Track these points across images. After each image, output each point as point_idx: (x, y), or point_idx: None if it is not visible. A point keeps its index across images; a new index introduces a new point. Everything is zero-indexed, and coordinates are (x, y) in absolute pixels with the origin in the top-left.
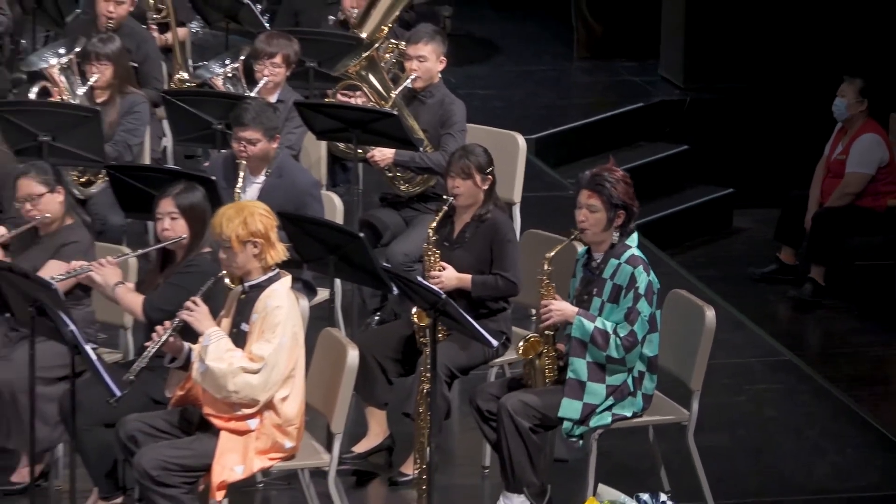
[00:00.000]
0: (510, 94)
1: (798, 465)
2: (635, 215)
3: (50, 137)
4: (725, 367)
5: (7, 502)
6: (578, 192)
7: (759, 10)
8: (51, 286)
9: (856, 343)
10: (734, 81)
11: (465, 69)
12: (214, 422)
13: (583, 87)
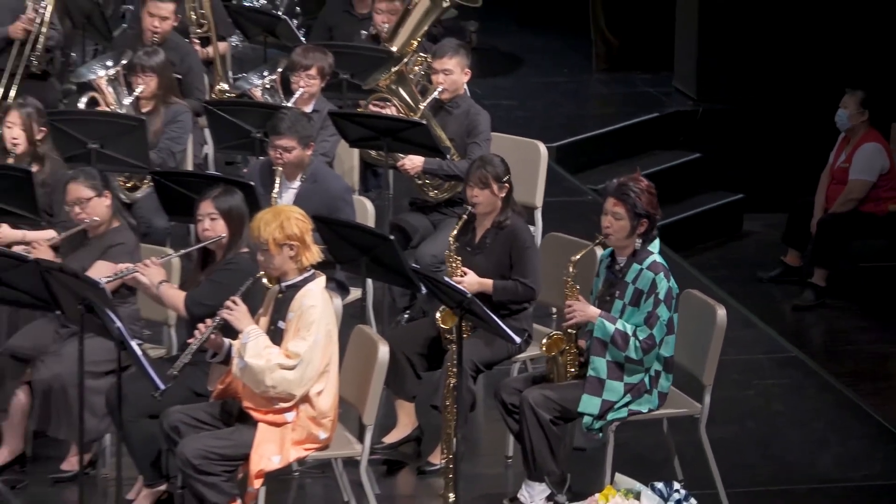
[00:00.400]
0: (532, 105)
1: (804, 455)
2: (658, 223)
3: (98, 145)
4: (735, 363)
5: (57, 489)
6: (605, 199)
7: (768, 26)
8: (99, 285)
9: (859, 340)
10: (744, 93)
11: (490, 81)
12: (253, 414)
13: (601, 98)
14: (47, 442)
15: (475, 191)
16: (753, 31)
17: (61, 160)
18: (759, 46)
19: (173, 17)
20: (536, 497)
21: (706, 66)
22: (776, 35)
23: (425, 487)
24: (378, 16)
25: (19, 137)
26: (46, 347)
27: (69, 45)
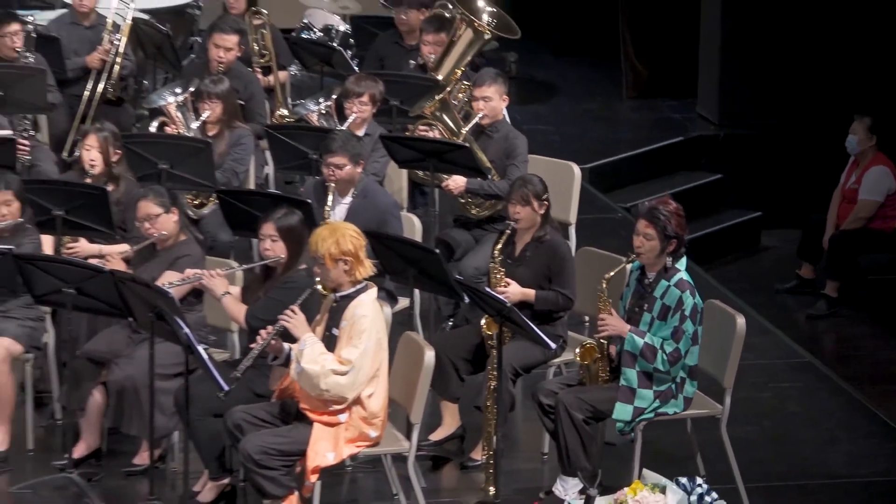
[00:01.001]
0: (567, 129)
1: (816, 453)
2: (685, 243)
3: (168, 165)
4: (753, 367)
5: (130, 481)
6: (637, 221)
7: (785, 58)
8: (168, 294)
9: (867, 347)
10: (762, 119)
11: (527, 107)
12: (309, 415)
13: (630, 123)
14: (121, 438)
15: (517, 207)
16: (771, 63)
17: (134, 180)
18: (776, 76)
19: (237, 48)
20: (570, 490)
21: (727, 95)
22: (792, 66)
23: (468, 481)
24: (425, 47)
25: (97, 159)
26: (120, 351)
27: (142, 73)
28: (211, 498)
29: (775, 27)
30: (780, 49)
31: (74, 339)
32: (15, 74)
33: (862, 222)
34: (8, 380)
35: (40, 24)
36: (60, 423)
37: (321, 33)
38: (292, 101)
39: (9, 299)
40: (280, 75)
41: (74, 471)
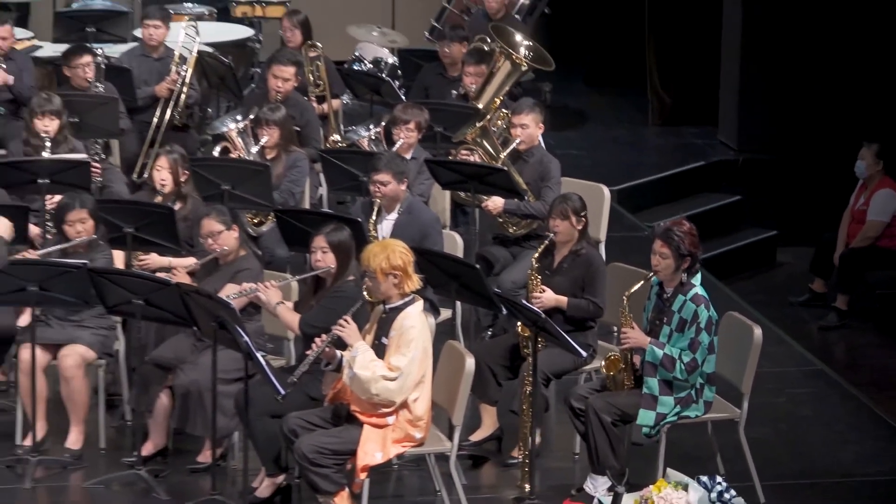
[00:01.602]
0: (597, 154)
1: (827, 453)
2: (699, 260)
3: (230, 186)
4: (769, 374)
5: (194, 478)
6: (654, 240)
7: (798, 89)
8: (229, 305)
9: (875, 355)
10: (778, 145)
11: (561, 134)
12: (359, 417)
13: (655, 148)
14: (185, 438)
15: (557, 221)
16: (786, 94)
17: (200, 199)
18: (791, 106)
19: (294, 78)
20: (599, 488)
21: (746, 123)
22: (805, 97)
23: (505, 479)
24: (467, 78)
25: (167, 179)
26: (185, 358)
27: (206, 102)
28: (268, 494)
29: (790, 61)
30: (795, 81)
31: (143, 346)
32: (89, 102)
33: (870, 241)
34: (82, 384)
35: (111, 55)
36: (130, 424)
37: (371, 65)
38: (344, 128)
39: (83, 310)
40: (333, 103)
41: (143, 468)
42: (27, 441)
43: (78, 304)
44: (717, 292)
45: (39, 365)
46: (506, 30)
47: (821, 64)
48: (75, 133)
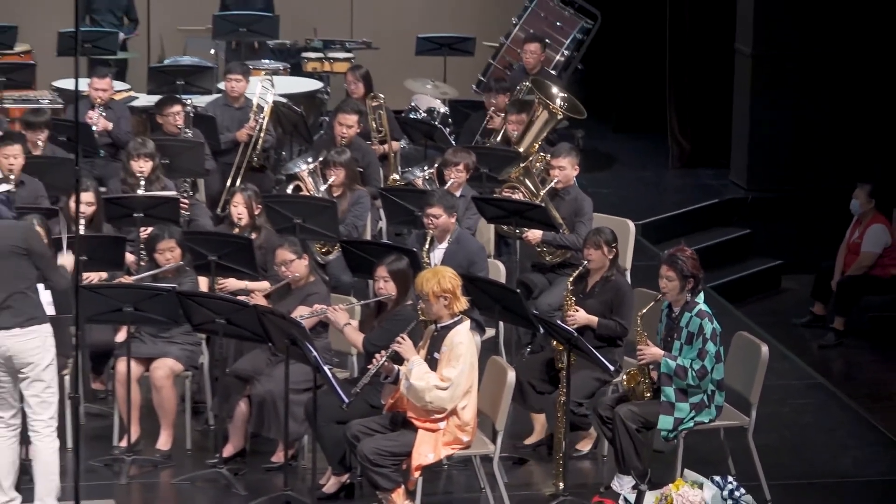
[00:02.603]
0: (624, 192)
1: (827, 457)
2: (702, 281)
3: (301, 220)
4: (775, 386)
5: (268, 476)
6: (660, 266)
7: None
8: (300, 324)
9: (868, 370)
10: (783, 185)
11: (592, 174)
12: (414, 422)
13: (675, 187)
14: (261, 440)
15: (591, 251)
16: (790, 141)
17: (273, 231)
18: (794, 151)
19: (357, 125)
20: (625, 486)
21: (754, 165)
22: (807, 143)
23: (541, 477)
24: (510, 125)
25: (243, 213)
26: (261, 370)
27: (280, 146)
28: (334, 490)
29: (794, 113)
30: (798, 130)
31: (224, 359)
32: (178, 146)
33: (864, 270)
34: (171, 393)
35: (198, 105)
36: (213, 429)
37: (425, 114)
38: (402, 169)
39: (172, 327)
40: (392, 146)
41: (224, 467)
42: (123, 443)
43: (168, 322)
44: (729, 314)
45: (134, 376)
46: (544, 83)
47: (820, 116)
48: (166, 173)
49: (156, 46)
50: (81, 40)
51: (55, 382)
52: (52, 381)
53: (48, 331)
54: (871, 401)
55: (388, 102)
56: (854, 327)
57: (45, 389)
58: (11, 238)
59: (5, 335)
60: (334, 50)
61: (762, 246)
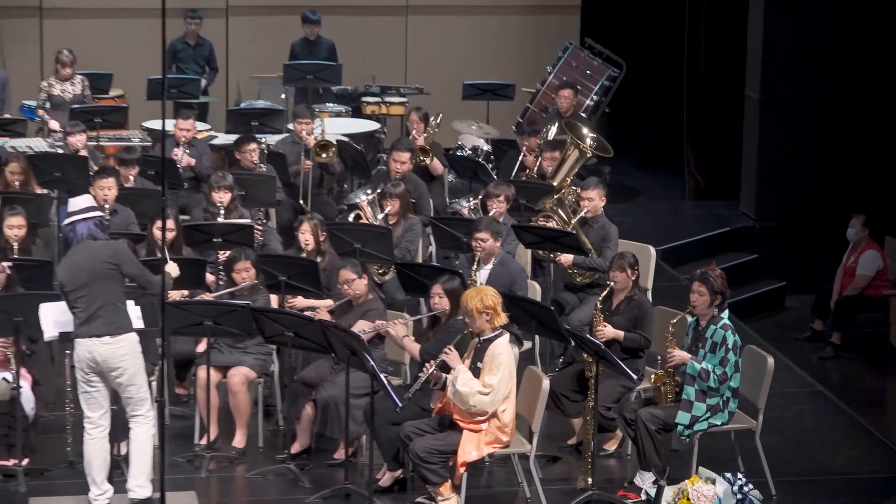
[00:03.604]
0: (646, 221)
1: (825, 456)
2: (728, 298)
3: (361, 245)
4: (779, 393)
5: (331, 470)
6: (693, 282)
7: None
8: (359, 337)
9: (862, 380)
10: (787, 216)
11: (618, 205)
12: (460, 424)
13: (691, 217)
14: (325, 439)
15: (616, 273)
16: (794, 176)
17: (336, 254)
18: (797, 185)
19: (409, 162)
20: (646, 481)
21: (762, 198)
22: (808, 178)
23: (572, 473)
24: (545, 162)
25: (309, 240)
26: (325, 377)
27: (342, 179)
28: (388, 484)
29: (798, 151)
30: (801, 166)
31: (293, 368)
32: (253, 179)
33: (858, 291)
34: (245, 397)
35: (270, 143)
36: (282, 429)
37: (470, 151)
38: (449, 200)
39: (246, 339)
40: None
41: (292, 462)
42: (203, 441)
43: (243, 335)
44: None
45: (213, 382)
46: (575, 125)
47: (820, 155)
48: (242, 203)
49: (233, 91)
50: (168, 86)
51: (146, 383)
52: (143, 383)
53: (135, 339)
54: (865, 407)
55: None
56: (850, 342)
57: (139, 390)
58: (103, 255)
59: (97, 342)
60: (390, 95)
61: (768, 269)
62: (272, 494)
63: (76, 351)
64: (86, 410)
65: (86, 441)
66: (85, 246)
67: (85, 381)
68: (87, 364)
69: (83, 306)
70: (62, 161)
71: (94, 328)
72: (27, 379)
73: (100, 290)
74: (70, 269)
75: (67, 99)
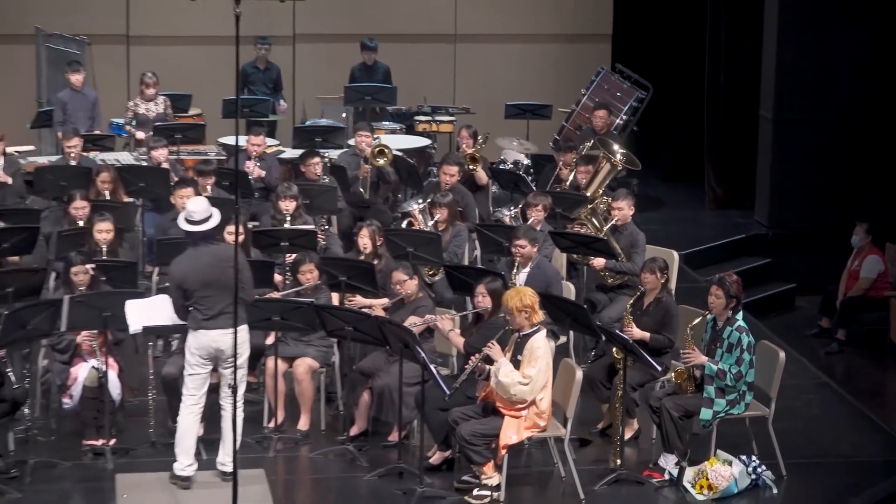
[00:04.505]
0: (670, 229)
1: (831, 440)
2: (742, 301)
3: (413, 249)
4: (790, 385)
5: (385, 451)
6: (711, 286)
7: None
8: (411, 331)
9: (864, 373)
10: (797, 224)
11: (645, 214)
12: (502, 410)
13: (710, 225)
14: (380, 423)
15: (647, 275)
16: (803, 188)
17: (391, 257)
18: (806, 196)
19: (458, 174)
20: (670, 462)
21: (775, 208)
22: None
23: (602, 454)
24: (579, 174)
25: (367, 244)
26: (381, 367)
27: (397, 189)
28: (438, 463)
29: (807, 166)
30: (810, 180)
31: (352, 358)
32: (316, 190)
33: (861, 292)
34: (309, 385)
35: (332, 157)
36: (342, 413)
37: (512, 165)
38: (492, 209)
39: (310, 333)
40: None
41: (350, 444)
42: (271, 424)
43: (307, 329)
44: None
45: (280, 371)
46: (607, 142)
47: (827, 169)
48: (307, 211)
49: (299, 111)
50: (241, 106)
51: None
52: (246, 369)
53: (247, 329)
54: (867, 397)
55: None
56: (854, 338)
57: (243, 375)
58: (230, 259)
59: (223, 333)
60: (440, 114)
61: (779, 272)
62: (333, 472)
63: (197, 340)
64: (192, 390)
65: (184, 416)
66: (209, 250)
67: (198, 365)
68: (206, 351)
69: (209, 304)
70: (146, 173)
71: (220, 322)
72: (114, 367)
73: (228, 290)
74: (197, 271)
75: (151, 117)
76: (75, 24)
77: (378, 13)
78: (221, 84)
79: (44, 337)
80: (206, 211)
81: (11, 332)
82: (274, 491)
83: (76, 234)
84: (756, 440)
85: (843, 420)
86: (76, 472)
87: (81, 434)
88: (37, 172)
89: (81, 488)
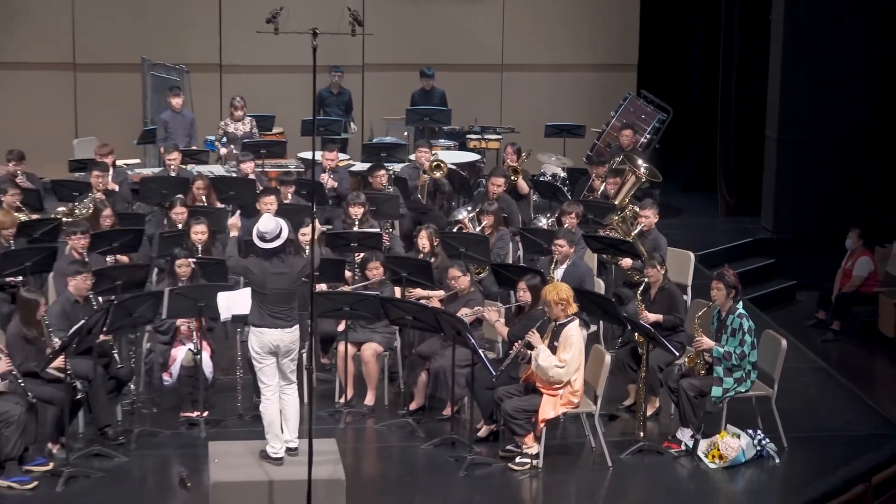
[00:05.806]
0: (688, 233)
1: (827, 417)
2: (741, 292)
3: (464, 250)
4: (791, 369)
5: (440, 423)
6: (712, 281)
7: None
8: (463, 321)
9: (857, 359)
10: (797, 229)
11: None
12: (541, 389)
13: (722, 231)
14: (436, 400)
15: (650, 270)
16: (804, 198)
17: (446, 256)
18: (806, 205)
19: (504, 185)
20: (686, 435)
21: (778, 215)
22: (816, 199)
23: (626, 427)
24: (609, 186)
25: (426, 245)
26: (436, 351)
27: (449, 199)
28: (485, 435)
29: (808, 179)
30: (810, 190)
31: (411, 343)
32: (382, 198)
33: (854, 288)
34: (375, 366)
35: (395, 170)
36: (403, 391)
37: (550, 177)
38: (533, 215)
39: (376, 322)
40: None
41: (410, 417)
42: (341, 400)
43: (373, 318)
44: (760, 318)
45: (349, 354)
46: (633, 157)
47: (825, 181)
48: (373, 216)
49: (367, 130)
50: (317, 125)
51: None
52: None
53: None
54: (859, 380)
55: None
56: (847, 329)
57: (296, 366)
58: (303, 271)
59: (285, 332)
60: (488, 133)
61: (782, 271)
62: (394, 441)
63: (261, 338)
64: (265, 380)
65: (267, 406)
66: (289, 261)
67: (263, 358)
68: (268, 348)
69: (282, 308)
70: (235, 183)
71: (282, 322)
72: (207, 349)
73: (294, 295)
74: (276, 279)
75: (239, 135)
76: (175, 55)
77: (435, 45)
78: (300, 106)
79: (147, 323)
80: (276, 229)
81: (120, 320)
82: (344, 457)
83: (175, 236)
84: (761, 416)
85: (837, 399)
86: (174, 439)
87: (179, 407)
88: (141, 182)
89: (178, 454)
